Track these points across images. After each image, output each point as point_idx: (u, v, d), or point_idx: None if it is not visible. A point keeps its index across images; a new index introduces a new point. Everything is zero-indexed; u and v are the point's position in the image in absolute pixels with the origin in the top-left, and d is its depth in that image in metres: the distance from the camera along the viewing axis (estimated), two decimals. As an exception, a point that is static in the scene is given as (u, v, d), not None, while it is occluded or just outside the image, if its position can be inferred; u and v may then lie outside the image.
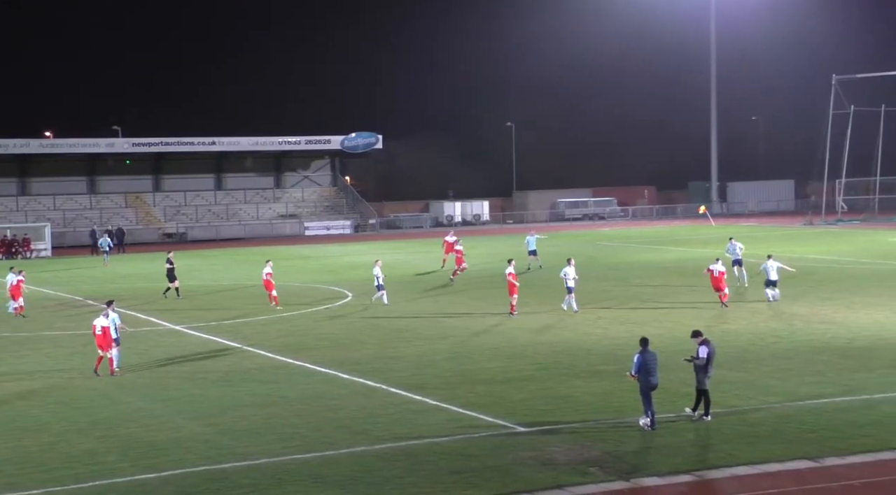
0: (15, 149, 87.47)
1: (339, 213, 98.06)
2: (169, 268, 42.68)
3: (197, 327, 33.72)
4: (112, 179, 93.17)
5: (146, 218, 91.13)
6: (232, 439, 19.16)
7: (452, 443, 18.51)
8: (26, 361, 27.93)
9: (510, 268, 34.70)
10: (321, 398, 22.47)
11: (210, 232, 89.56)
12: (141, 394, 23.25)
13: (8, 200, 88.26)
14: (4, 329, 34.32)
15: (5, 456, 18.17)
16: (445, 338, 30.35)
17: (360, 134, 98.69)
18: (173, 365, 27.06)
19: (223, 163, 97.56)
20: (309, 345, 29.72)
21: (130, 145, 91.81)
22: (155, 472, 17.09)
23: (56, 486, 16.42)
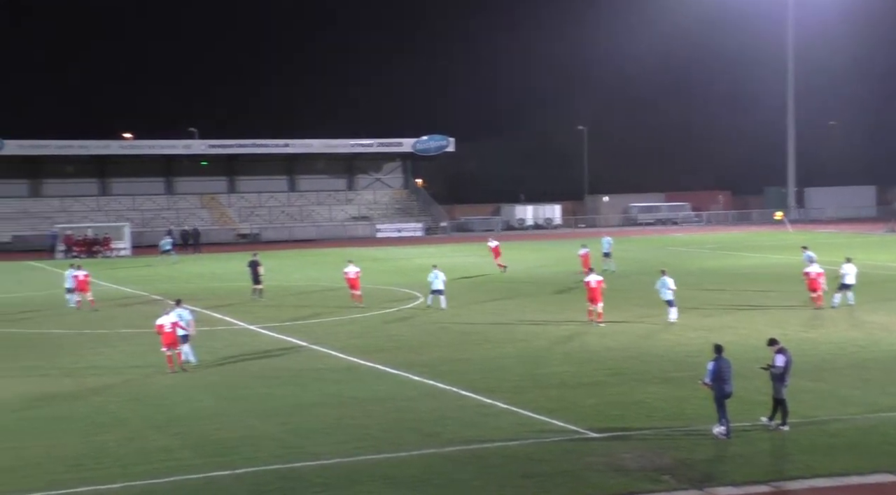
0: (95, 151, 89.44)
1: (410, 216, 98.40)
2: (256, 268, 42.24)
3: (270, 327, 34.07)
4: (188, 180, 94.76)
5: (221, 218, 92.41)
6: (303, 438, 19.31)
7: (522, 447, 18.43)
8: (104, 358, 28.48)
9: (593, 276, 33.39)
10: (392, 399, 22.55)
11: (283, 233, 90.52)
12: (214, 393, 23.55)
13: (89, 200, 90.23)
14: (85, 326, 35.05)
15: (84, 450, 18.53)
16: (515, 341, 30.26)
17: (432, 136, 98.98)
18: (246, 364, 27.36)
19: (296, 164, 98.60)
20: (379, 346, 29.85)
21: (206, 147, 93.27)
22: (228, 470, 17.29)
23: (133, 481, 16.70)
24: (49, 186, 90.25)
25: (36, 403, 22.49)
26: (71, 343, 31.34)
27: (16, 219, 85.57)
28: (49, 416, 21.23)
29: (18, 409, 21.89)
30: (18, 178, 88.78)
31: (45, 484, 16.46)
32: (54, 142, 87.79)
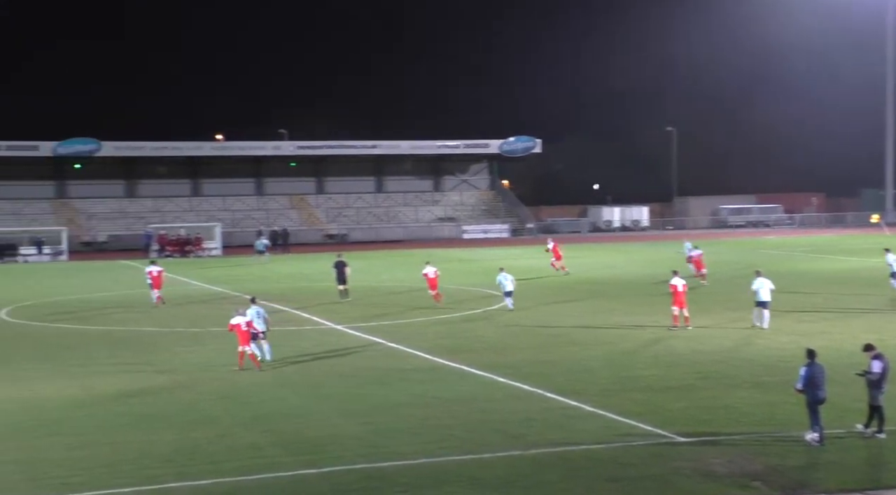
0: (188, 152, 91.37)
1: (496, 217, 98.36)
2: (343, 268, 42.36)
3: (356, 327, 34.37)
4: (277, 181, 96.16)
5: (309, 219, 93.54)
6: (388, 438, 19.42)
7: (609, 451, 18.28)
8: (196, 356, 29.03)
9: (678, 280, 32.64)
10: (477, 400, 22.55)
11: (370, 233, 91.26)
12: (301, 391, 23.83)
13: (181, 200, 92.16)
14: (177, 324, 35.78)
15: (177, 446, 18.91)
16: (601, 344, 30.03)
17: (519, 138, 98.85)
18: (333, 363, 27.63)
19: (383, 166, 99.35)
20: (465, 347, 29.88)
21: (295, 148, 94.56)
22: (315, 468, 17.48)
23: (223, 478, 16.99)
24: (144, 187, 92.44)
25: (131, 400, 23.03)
26: (164, 340, 32.02)
27: (112, 219, 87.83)
28: (143, 413, 21.71)
29: (115, 405, 22.43)
30: (115, 179, 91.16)
31: (140, 480, 16.84)
32: (149, 144, 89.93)
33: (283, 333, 33.29)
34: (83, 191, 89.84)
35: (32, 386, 24.70)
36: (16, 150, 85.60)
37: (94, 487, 16.46)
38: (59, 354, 29.44)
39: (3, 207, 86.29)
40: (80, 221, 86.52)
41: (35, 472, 17.31)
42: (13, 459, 18.09)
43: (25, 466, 17.66)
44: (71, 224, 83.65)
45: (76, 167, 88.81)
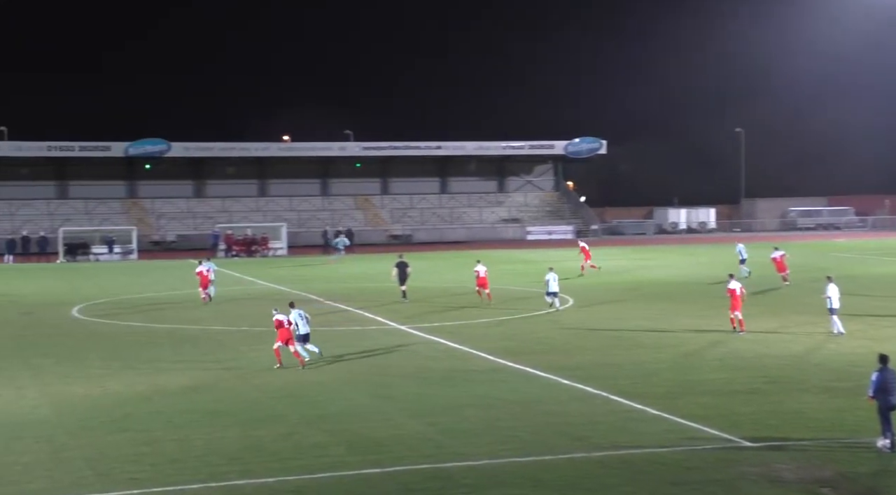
0: (255, 152, 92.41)
1: (560, 218, 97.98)
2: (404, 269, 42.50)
3: (420, 327, 34.45)
4: (343, 182, 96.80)
5: (374, 220, 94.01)
6: (452, 438, 19.44)
7: (673, 454, 18.09)
8: (262, 354, 29.30)
9: (735, 283, 32.25)
10: (540, 402, 22.48)
11: (434, 234, 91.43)
12: (366, 391, 23.95)
13: (249, 201, 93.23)
14: (243, 323, 36.19)
15: (244, 444, 19.11)
16: (667, 347, 29.74)
17: (584, 139, 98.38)
18: (397, 363, 27.73)
19: (448, 166, 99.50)
20: (529, 348, 29.80)
21: (361, 149, 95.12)
22: (379, 467, 17.56)
23: (288, 476, 17.13)
24: (212, 187, 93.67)
25: (197, 397, 23.33)
26: (230, 339, 32.41)
27: (180, 219, 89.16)
28: (209, 410, 21.98)
29: (181, 402, 22.75)
30: (184, 179, 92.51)
31: (206, 476, 17.05)
32: (217, 144, 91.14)
33: (347, 333, 33.53)
34: (153, 191, 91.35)
35: (102, 382, 25.14)
36: (89, 151, 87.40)
37: (161, 483, 16.71)
38: (128, 351, 29.94)
39: (77, 206, 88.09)
40: (149, 221, 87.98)
41: (104, 468, 17.62)
42: (83, 455, 18.43)
43: (95, 462, 17.98)
44: (141, 223, 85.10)
45: (146, 167, 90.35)
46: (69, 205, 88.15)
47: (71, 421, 21.04)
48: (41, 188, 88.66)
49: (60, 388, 24.42)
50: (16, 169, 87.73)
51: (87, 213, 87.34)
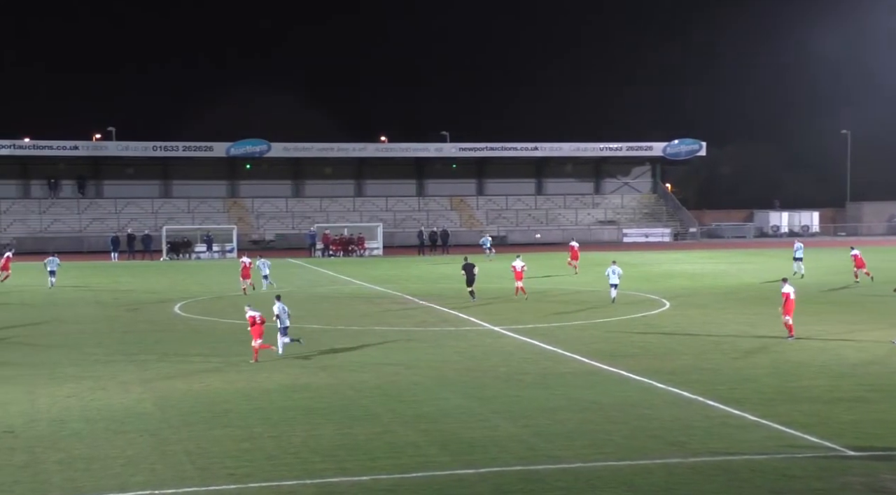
0: (353, 153, 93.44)
1: (657, 220, 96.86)
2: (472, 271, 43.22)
3: (514, 329, 34.39)
4: (438, 182, 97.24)
5: (469, 220, 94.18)
6: (546, 441, 19.35)
7: (773, 462, 17.72)
8: (358, 353, 29.60)
9: (789, 287, 31.52)
10: (635, 406, 22.24)
11: (529, 236, 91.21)
12: (460, 392, 24.00)
13: (346, 201, 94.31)
14: (339, 322, 36.59)
15: (338, 442, 19.32)
16: (767, 352, 29.14)
17: (683, 140, 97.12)
18: (491, 364, 27.72)
19: (544, 168, 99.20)
20: (623, 352, 29.52)
21: (457, 150, 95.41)
22: (473, 468, 17.57)
23: (382, 474, 17.26)
24: (310, 187, 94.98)
25: (294, 394, 23.66)
26: (327, 338, 32.78)
27: (279, 218, 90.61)
28: (306, 407, 22.27)
29: (279, 400, 23.09)
30: (283, 179, 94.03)
31: (302, 473, 17.28)
32: (316, 145, 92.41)
33: (441, 333, 33.64)
34: (253, 191, 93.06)
35: (203, 378, 25.67)
36: (192, 151, 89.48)
37: (259, 479, 16.98)
38: (228, 349, 30.51)
39: (179, 205, 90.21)
40: (249, 220, 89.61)
41: (204, 462, 17.99)
42: (185, 449, 18.84)
43: (196, 456, 18.37)
44: (241, 222, 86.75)
45: (247, 167, 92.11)
46: (172, 204, 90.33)
47: (173, 415, 21.53)
48: (146, 187, 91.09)
49: (163, 383, 25.01)
50: (122, 168, 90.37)
51: (189, 212, 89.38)
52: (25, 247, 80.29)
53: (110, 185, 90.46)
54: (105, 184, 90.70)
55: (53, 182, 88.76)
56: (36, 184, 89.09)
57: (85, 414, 21.53)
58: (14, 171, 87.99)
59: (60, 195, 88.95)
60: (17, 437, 19.59)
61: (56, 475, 17.18)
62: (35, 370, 26.82)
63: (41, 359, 28.51)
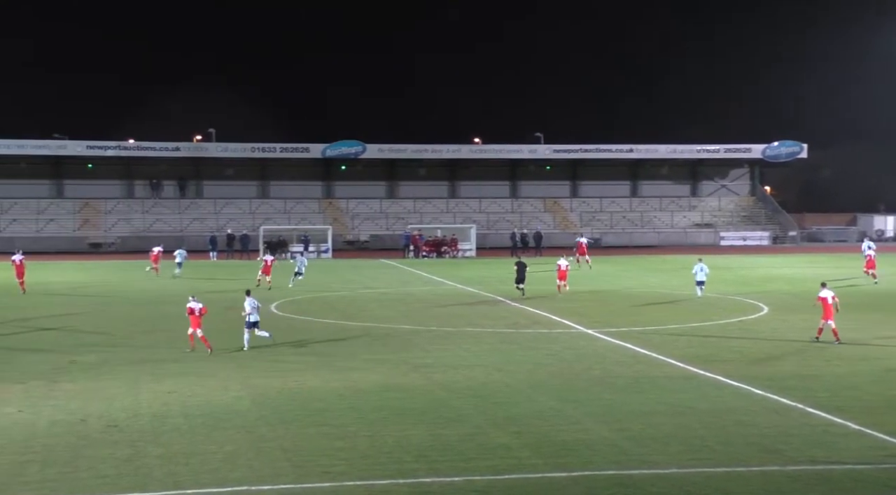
0: (447, 154, 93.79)
1: (756, 224, 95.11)
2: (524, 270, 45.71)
3: (607, 332, 34.13)
4: (532, 184, 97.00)
5: (562, 222, 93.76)
6: (639, 445, 19.16)
7: (876, 472, 17.25)
8: (450, 354, 29.70)
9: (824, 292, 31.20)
10: (732, 412, 21.87)
11: (624, 238, 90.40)
12: (553, 394, 23.90)
13: (439, 202, 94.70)
14: (431, 323, 36.75)
15: (430, 443, 19.41)
16: (870, 359, 28.39)
17: (783, 142, 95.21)
18: (583, 367, 27.55)
19: (639, 170, 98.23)
20: (720, 356, 29.05)
21: (551, 151, 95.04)
22: (565, 471, 17.50)
23: (474, 475, 17.29)
24: (404, 188, 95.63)
25: (387, 394, 23.84)
26: (419, 338, 32.96)
27: (374, 219, 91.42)
28: (399, 408, 22.43)
29: (373, 399, 23.29)
30: (377, 180, 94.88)
31: (395, 473, 17.42)
32: (410, 146, 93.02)
33: (534, 335, 33.55)
34: (348, 192, 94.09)
35: (298, 377, 26.02)
36: (289, 152, 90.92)
37: (353, 477, 17.16)
38: (323, 348, 30.89)
39: (276, 206, 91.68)
40: (344, 220, 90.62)
41: (300, 460, 18.25)
42: (281, 446, 19.14)
43: (292, 454, 18.65)
44: (336, 223, 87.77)
45: (342, 168, 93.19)
46: (269, 205, 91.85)
47: (270, 413, 21.88)
48: (244, 188, 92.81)
49: (260, 381, 25.43)
50: (222, 169, 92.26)
51: (285, 212, 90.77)
52: (128, 245, 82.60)
53: (210, 186, 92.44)
54: (205, 185, 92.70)
55: (155, 182, 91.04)
56: (139, 185, 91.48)
57: (185, 410, 22.04)
58: (119, 172, 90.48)
59: (162, 195, 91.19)
60: (121, 431, 20.15)
61: (157, 469, 17.61)
62: (138, 366, 27.54)
63: (144, 356, 29.26)
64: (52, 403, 22.64)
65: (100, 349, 30.46)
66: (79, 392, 23.93)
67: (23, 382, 25.04)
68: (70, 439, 19.49)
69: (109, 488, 16.57)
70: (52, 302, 43.92)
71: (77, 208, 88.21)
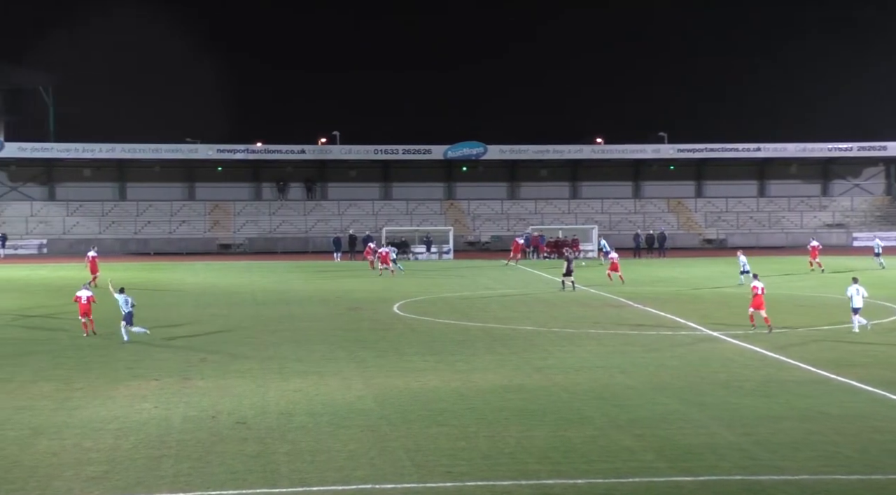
0: (568, 155, 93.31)
1: (892, 224, 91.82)
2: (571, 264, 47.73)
3: (734, 334, 33.41)
4: (655, 184, 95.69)
5: (687, 223, 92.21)
6: (768, 451, 18.69)
7: None
8: (572, 356, 29.50)
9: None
10: (867, 418, 21.14)
11: (751, 239, 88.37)
12: (677, 397, 23.52)
13: (560, 203, 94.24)
14: (553, 325, 36.56)
15: (552, 444, 19.32)
16: None
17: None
18: (710, 370, 27.02)
19: (767, 169, 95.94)
20: (853, 361, 28.12)
21: (675, 151, 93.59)
22: (691, 476, 17.19)
23: (597, 478, 17.13)
24: (525, 189, 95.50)
25: (508, 395, 23.82)
26: (541, 339, 32.84)
27: (494, 220, 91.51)
28: (520, 408, 22.37)
29: (494, 400, 23.30)
30: (498, 181, 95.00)
31: (517, 474, 17.39)
32: (531, 147, 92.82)
33: (657, 338, 33.07)
34: (469, 193, 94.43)
35: (420, 377, 26.22)
36: (411, 154, 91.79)
37: (475, 477, 17.20)
38: (444, 348, 31.04)
39: (399, 207, 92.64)
40: (465, 222, 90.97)
41: (422, 459, 18.37)
42: (403, 446, 19.30)
43: (414, 453, 18.79)
44: (457, 224, 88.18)
45: (463, 169, 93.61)
46: (392, 206, 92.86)
47: (392, 412, 22.10)
48: (367, 189, 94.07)
49: (382, 381, 25.71)
50: (345, 171, 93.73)
51: (407, 214, 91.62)
52: (256, 246, 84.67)
53: (334, 188, 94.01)
54: (329, 187, 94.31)
55: (282, 184, 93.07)
56: (266, 187, 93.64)
57: (310, 408, 22.43)
58: (247, 175, 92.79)
59: (288, 197, 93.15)
60: (250, 428, 20.63)
61: (284, 466, 17.97)
62: (265, 364, 28.17)
63: (271, 354, 29.92)
64: (184, 400, 23.34)
65: (229, 347, 31.26)
66: (209, 389, 24.61)
67: (157, 379, 25.89)
68: (202, 435, 20.05)
69: (239, 483, 16.98)
70: (183, 301, 45.30)
71: (207, 210, 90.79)
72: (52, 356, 29.67)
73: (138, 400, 23.32)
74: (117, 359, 28.92)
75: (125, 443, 19.42)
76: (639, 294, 45.88)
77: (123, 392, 24.22)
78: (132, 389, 24.51)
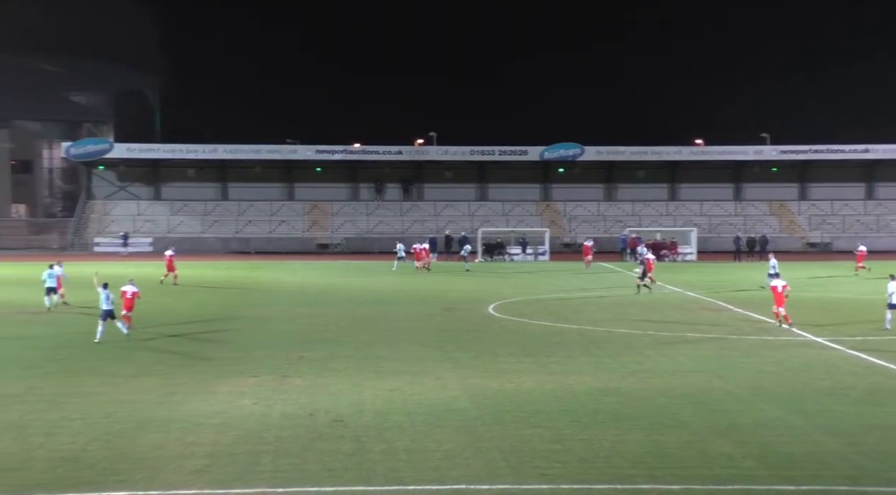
0: (667, 156, 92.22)
1: None
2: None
3: (839, 340, 32.55)
4: (757, 187, 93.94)
5: (789, 226, 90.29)
6: (876, 461, 18.16)
7: None
8: (668, 360, 29.11)
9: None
10: (978, 430, 20.39)
11: (856, 243, 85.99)
12: (778, 404, 23.01)
13: (658, 205, 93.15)
14: (649, 327, 36.14)
15: (647, 448, 19.08)
16: None
17: None
18: (813, 377, 26.38)
19: (875, 171, 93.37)
20: (965, 370, 27.16)
21: (778, 153, 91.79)
22: (792, 485, 16.80)
23: (695, 484, 16.87)
24: (622, 191, 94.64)
25: (603, 398, 23.61)
26: (636, 342, 32.48)
27: (591, 222, 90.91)
28: (615, 412, 22.16)
29: (588, 402, 23.13)
30: (595, 183, 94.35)
31: (612, 478, 17.22)
32: (629, 148, 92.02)
33: (757, 343, 32.44)
34: (565, 194, 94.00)
35: (515, 378, 26.15)
36: (507, 155, 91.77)
37: (570, 480, 17.08)
38: (539, 350, 30.91)
39: (495, 208, 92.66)
40: (561, 223, 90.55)
41: (517, 461, 18.32)
42: (498, 447, 19.28)
43: (508, 454, 18.75)
44: (553, 225, 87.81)
45: (560, 171, 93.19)
46: (488, 207, 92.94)
47: (487, 413, 22.09)
48: (463, 190, 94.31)
49: (477, 381, 25.72)
50: (441, 172, 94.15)
51: (503, 215, 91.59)
52: (353, 246, 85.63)
53: (430, 188, 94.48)
54: (426, 187, 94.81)
55: (379, 185, 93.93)
56: (363, 188, 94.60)
57: (406, 408, 22.56)
58: (345, 175, 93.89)
59: (385, 197, 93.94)
60: (347, 426, 20.83)
61: (380, 464, 18.11)
62: (362, 363, 28.44)
63: (367, 353, 30.18)
64: (283, 397, 23.70)
65: (326, 346, 31.64)
66: (307, 387, 24.94)
67: (256, 376, 26.33)
68: (299, 432, 20.33)
69: (336, 481, 17.16)
70: (282, 299, 46.01)
71: (306, 210, 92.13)
72: (155, 353, 30.43)
73: (238, 396, 23.75)
74: (217, 357, 29.53)
75: (226, 438, 19.80)
76: (739, 298, 45.04)
77: (223, 388, 24.70)
78: (232, 386, 24.97)
